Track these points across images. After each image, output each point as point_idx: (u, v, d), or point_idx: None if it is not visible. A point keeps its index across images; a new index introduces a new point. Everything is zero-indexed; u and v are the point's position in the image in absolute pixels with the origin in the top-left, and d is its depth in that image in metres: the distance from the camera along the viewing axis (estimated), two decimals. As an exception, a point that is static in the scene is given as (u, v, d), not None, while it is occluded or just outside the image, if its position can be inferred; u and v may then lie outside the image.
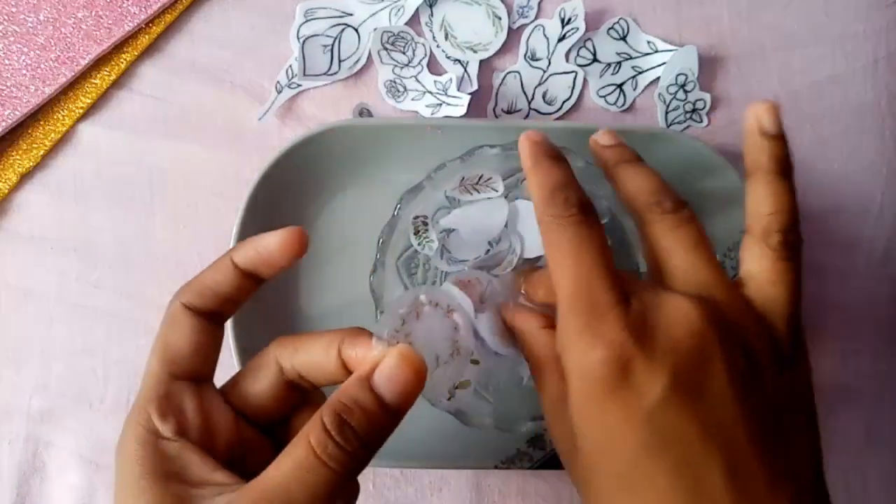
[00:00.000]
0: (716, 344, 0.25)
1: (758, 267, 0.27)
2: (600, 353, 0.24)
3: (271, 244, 0.26)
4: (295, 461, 0.23)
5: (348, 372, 0.26)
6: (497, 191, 0.36)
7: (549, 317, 0.30)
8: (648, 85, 0.43)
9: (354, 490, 0.28)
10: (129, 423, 0.25)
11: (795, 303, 0.27)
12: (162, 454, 0.24)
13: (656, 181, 0.29)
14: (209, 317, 0.27)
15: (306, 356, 0.26)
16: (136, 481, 0.24)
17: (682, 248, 0.28)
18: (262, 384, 0.27)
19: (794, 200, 0.28)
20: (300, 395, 0.28)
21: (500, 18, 0.43)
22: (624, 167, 0.31)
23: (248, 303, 0.40)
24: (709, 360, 0.24)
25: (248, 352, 0.39)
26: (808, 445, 0.26)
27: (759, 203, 0.28)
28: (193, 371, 0.27)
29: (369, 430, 0.24)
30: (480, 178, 0.36)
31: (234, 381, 0.28)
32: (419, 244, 0.37)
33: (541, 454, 0.41)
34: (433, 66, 0.43)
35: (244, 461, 0.27)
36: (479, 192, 0.36)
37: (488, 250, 0.37)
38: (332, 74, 0.43)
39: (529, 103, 0.43)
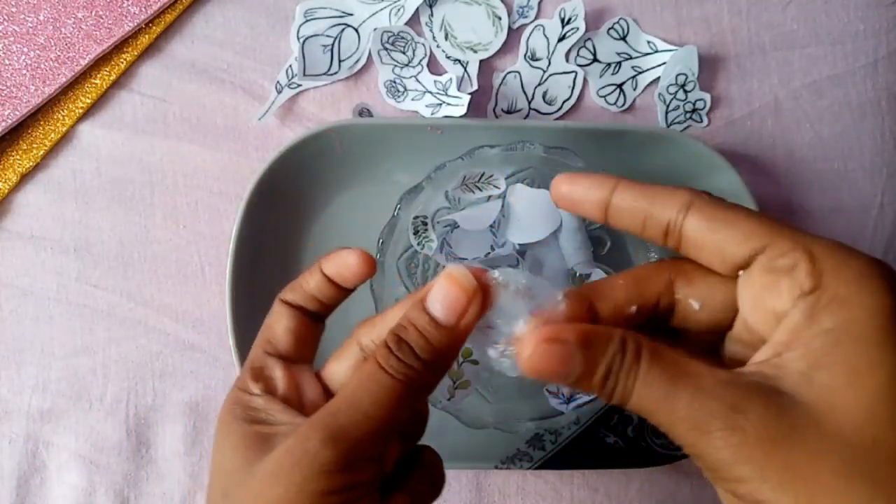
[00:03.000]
0: None
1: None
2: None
3: (350, 263, 0.29)
4: (361, 374, 0.25)
5: None
6: (499, 188, 0.36)
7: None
8: (648, 85, 0.43)
9: (424, 414, 0.31)
10: (231, 390, 0.29)
11: None
12: (250, 405, 0.28)
13: None
14: (304, 312, 0.30)
15: (384, 328, 0.27)
16: (229, 424, 0.27)
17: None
18: (346, 363, 0.29)
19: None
20: None
21: (500, 18, 0.43)
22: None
23: (248, 303, 0.41)
24: None
25: (246, 351, 0.39)
26: None
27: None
28: (287, 353, 0.29)
29: (425, 345, 0.25)
30: (482, 176, 0.36)
31: (325, 364, 0.30)
32: (419, 244, 0.37)
33: (541, 454, 0.41)
34: (433, 66, 0.43)
35: None
36: (480, 190, 0.36)
37: (488, 254, 0.37)
38: (332, 74, 0.43)
39: (529, 103, 0.43)
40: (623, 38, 0.43)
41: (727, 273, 0.25)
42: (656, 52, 0.43)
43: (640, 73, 0.43)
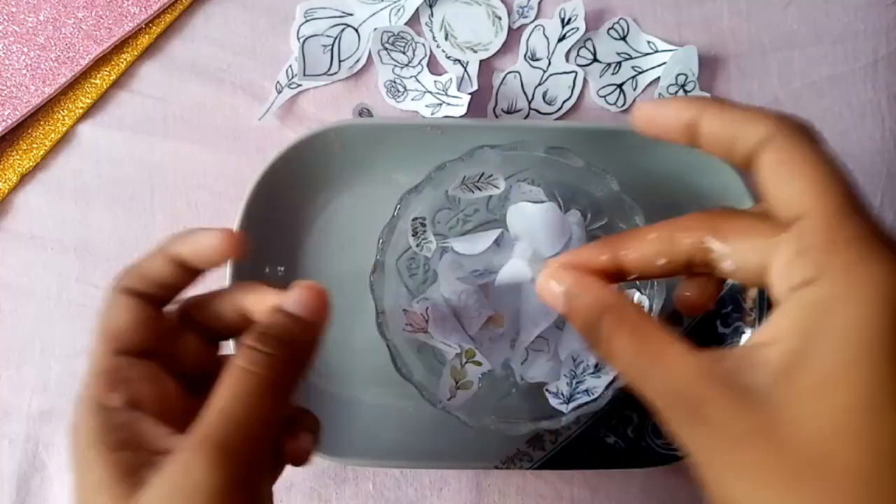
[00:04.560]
0: None
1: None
2: None
3: (204, 243, 0.28)
4: (226, 384, 0.24)
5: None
6: (498, 188, 0.36)
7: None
8: (648, 85, 0.43)
9: (303, 420, 0.30)
10: (79, 401, 0.26)
11: None
12: (111, 425, 0.25)
13: None
14: (146, 298, 0.28)
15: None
16: (86, 452, 0.24)
17: None
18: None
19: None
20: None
21: (500, 18, 0.43)
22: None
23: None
24: None
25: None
26: None
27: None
28: (137, 346, 0.27)
29: (286, 336, 0.26)
30: (482, 175, 0.36)
31: (200, 300, 0.29)
32: (417, 245, 0.37)
33: (541, 454, 0.41)
34: (433, 66, 0.43)
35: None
36: (480, 189, 0.36)
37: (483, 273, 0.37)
38: (332, 74, 0.43)
39: (529, 103, 0.43)
40: (623, 38, 0.43)
41: (781, 227, 0.23)
42: (656, 52, 0.43)
43: (640, 73, 0.43)
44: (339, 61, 0.43)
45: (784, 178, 0.23)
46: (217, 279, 0.43)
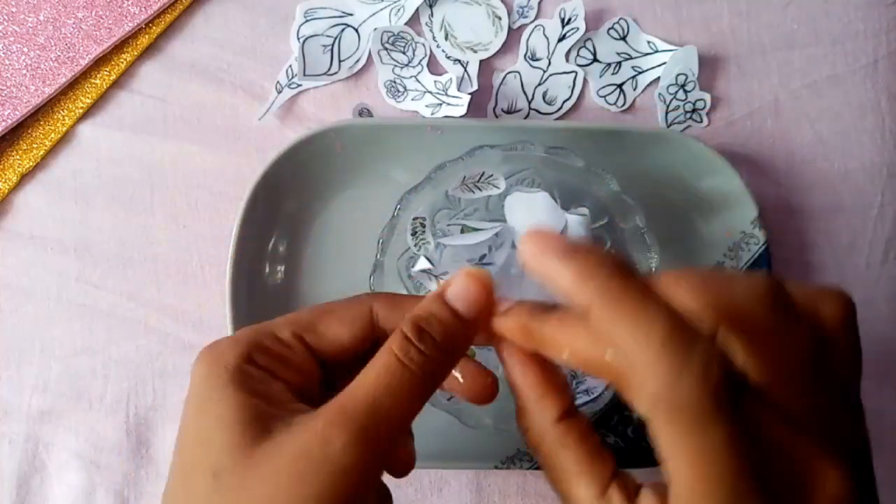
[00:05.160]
0: None
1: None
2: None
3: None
4: (379, 368, 0.24)
5: None
6: (498, 188, 0.36)
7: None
8: (648, 85, 0.43)
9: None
10: (230, 339, 0.26)
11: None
12: (252, 375, 0.25)
13: None
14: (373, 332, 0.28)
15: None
16: (221, 388, 0.24)
17: None
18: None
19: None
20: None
21: (500, 18, 0.43)
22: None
23: (248, 303, 0.41)
24: None
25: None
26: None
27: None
28: (324, 356, 0.27)
29: (445, 336, 0.25)
30: (482, 175, 0.36)
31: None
32: (416, 245, 0.37)
33: (541, 454, 0.41)
34: (433, 66, 0.43)
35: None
36: (480, 189, 0.36)
37: (483, 255, 0.37)
38: (332, 74, 0.43)
39: (529, 103, 0.43)
40: (623, 38, 0.43)
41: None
42: (656, 52, 0.43)
43: (640, 73, 0.43)
44: (339, 61, 0.43)
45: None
46: (217, 277, 0.43)
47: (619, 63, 0.43)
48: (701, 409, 0.19)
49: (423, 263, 0.36)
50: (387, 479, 0.43)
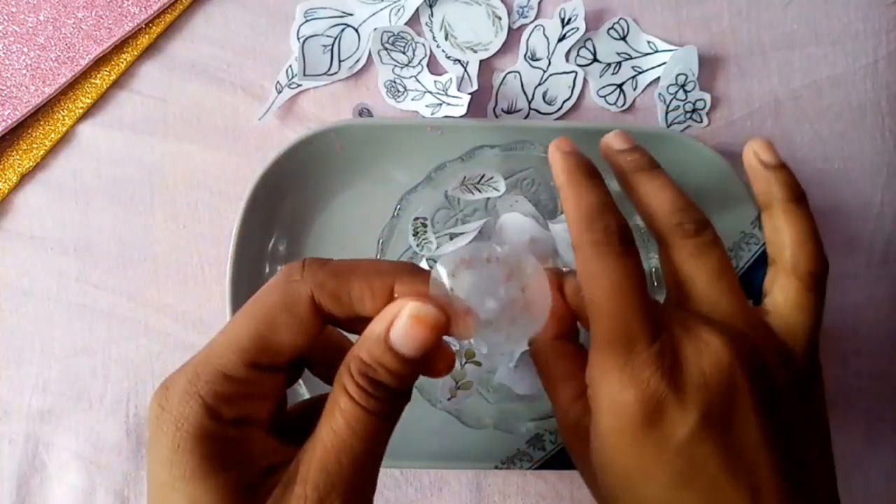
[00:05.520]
0: (744, 377, 0.25)
1: (783, 297, 0.28)
2: (633, 393, 0.25)
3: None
4: (345, 417, 0.23)
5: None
6: (498, 190, 0.36)
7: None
8: (648, 85, 0.43)
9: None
10: (185, 395, 0.23)
11: (816, 329, 0.28)
12: (225, 438, 0.23)
13: (678, 197, 0.29)
14: (325, 316, 0.25)
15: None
16: (193, 466, 0.22)
17: (705, 276, 0.28)
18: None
19: (814, 226, 0.29)
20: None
21: (500, 18, 0.43)
22: (642, 177, 0.29)
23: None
24: (736, 393, 0.25)
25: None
26: (824, 465, 0.27)
27: (781, 233, 0.29)
28: (281, 365, 0.25)
29: (396, 381, 0.24)
30: (482, 177, 0.36)
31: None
32: (418, 245, 0.37)
33: (541, 454, 0.41)
34: (433, 66, 0.43)
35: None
36: (480, 191, 0.36)
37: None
38: (332, 74, 0.43)
39: (529, 103, 0.43)
40: (623, 38, 0.43)
41: None
42: (656, 52, 0.43)
43: (640, 73, 0.43)
44: (339, 61, 0.43)
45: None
46: (217, 277, 0.43)
47: (619, 63, 0.43)
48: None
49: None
50: (387, 477, 0.43)
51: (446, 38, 0.43)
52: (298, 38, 0.43)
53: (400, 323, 0.24)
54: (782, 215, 0.29)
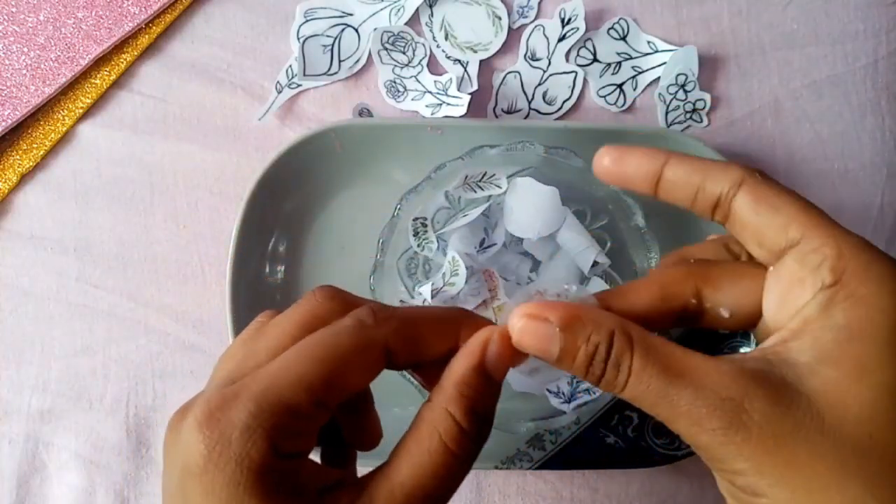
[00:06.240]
0: None
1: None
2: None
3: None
4: (434, 462, 0.23)
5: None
6: (500, 188, 0.36)
7: None
8: (648, 85, 0.43)
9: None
10: (248, 430, 0.21)
11: None
12: (284, 471, 0.22)
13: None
14: (398, 361, 0.25)
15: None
16: (242, 498, 0.21)
17: None
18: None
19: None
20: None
21: (500, 18, 0.43)
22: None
23: (248, 303, 0.41)
24: None
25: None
26: None
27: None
28: (343, 401, 0.24)
29: (490, 410, 0.24)
30: (484, 175, 0.36)
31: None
32: (419, 246, 0.37)
33: (541, 454, 0.41)
34: (433, 66, 0.43)
35: None
36: (482, 189, 0.36)
37: (483, 239, 0.37)
38: (332, 74, 0.43)
39: (529, 103, 0.43)
40: (623, 38, 0.43)
41: (763, 259, 0.24)
42: (656, 52, 0.43)
43: (640, 73, 0.43)
44: (339, 61, 0.43)
45: (767, 213, 0.24)
46: (217, 277, 0.43)
47: (619, 63, 0.43)
48: None
49: (426, 290, 0.36)
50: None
51: (446, 38, 0.43)
52: (298, 38, 0.43)
53: (494, 348, 0.24)
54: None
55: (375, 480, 0.23)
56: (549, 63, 0.43)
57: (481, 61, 0.43)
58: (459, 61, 0.43)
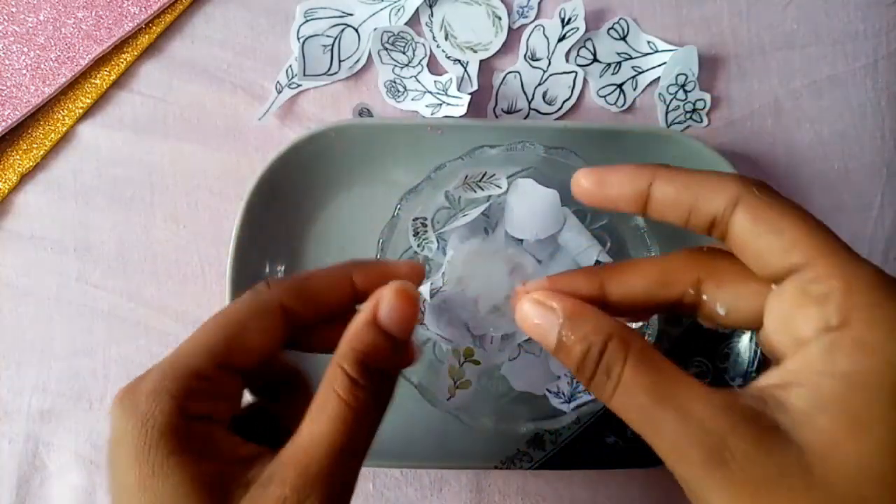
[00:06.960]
0: None
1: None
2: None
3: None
4: (330, 415, 0.23)
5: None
6: (500, 188, 0.36)
7: None
8: (648, 85, 0.43)
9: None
10: (152, 393, 0.23)
11: None
12: (194, 433, 0.23)
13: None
14: (294, 317, 0.26)
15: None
16: (161, 459, 0.22)
17: None
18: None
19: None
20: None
21: (500, 18, 0.43)
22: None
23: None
24: None
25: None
26: None
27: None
28: (248, 367, 0.25)
29: (388, 364, 0.24)
30: (484, 175, 0.36)
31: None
32: (419, 245, 0.37)
33: (541, 454, 0.41)
34: (433, 66, 0.43)
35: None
36: (482, 189, 0.36)
37: (485, 228, 0.37)
38: (332, 74, 0.43)
39: (529, 103, 0.43)
40: (623, 38, 0.43)
41: (764, 278, 0.23)
42: (656, 52, 0.43)
43: (640, 73, 0.43)
44: (339, 61, 0.43)
45: (767, 235, 0.22)
46: (217, 277, 0.43)
47: (619, 63, 0.43)
48: None
49: (425, 290, 0.36)
50: (387, 477, 0.43)
51: (446, 38, 0.43)
52: (298, 38, 0.43)
53: (386, 301, 0.24)
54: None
55: (286, 446, 0.23)
56: (549, 63, 0.43)
57: (481, 61, 0.43)
58: (459, 61, 0.43)
